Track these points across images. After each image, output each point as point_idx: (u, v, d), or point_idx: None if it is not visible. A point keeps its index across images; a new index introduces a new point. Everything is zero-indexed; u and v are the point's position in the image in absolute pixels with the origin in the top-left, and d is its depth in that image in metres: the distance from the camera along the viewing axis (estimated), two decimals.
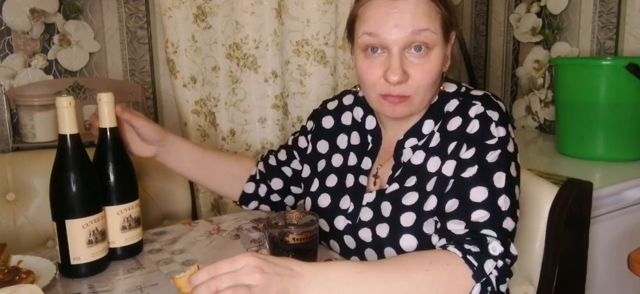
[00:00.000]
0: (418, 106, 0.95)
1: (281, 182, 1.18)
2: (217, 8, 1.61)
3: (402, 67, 0.90)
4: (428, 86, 0.93)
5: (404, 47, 0.90)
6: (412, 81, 0.91)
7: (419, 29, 0.89)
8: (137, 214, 1.04)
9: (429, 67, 0.91)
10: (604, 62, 1.77)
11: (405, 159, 0.99)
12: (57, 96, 0.94)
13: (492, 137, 0.91)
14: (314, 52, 1.68)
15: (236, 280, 0.69)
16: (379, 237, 0.96)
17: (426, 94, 0.94)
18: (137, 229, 1.04)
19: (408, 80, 0.91)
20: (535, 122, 2.32)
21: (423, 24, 0.89)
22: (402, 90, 0.91)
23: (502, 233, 0.87)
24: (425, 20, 0.89)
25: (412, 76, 0.91)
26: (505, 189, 0.89)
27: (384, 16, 0.90)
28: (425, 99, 0.95)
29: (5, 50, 1.63)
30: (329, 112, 1.15)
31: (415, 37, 0.89)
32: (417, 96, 0.93)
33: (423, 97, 0.94)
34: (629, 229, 1.60)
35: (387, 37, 0.90)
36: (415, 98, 0.93)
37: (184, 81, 1.60)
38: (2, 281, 0.86)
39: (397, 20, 0.89)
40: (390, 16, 0.89)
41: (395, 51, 0.90)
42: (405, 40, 0.89)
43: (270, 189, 1.19)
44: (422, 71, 0.91)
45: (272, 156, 1.21)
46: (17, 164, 1.49)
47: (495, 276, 0.83)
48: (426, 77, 0.91)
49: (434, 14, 0.90)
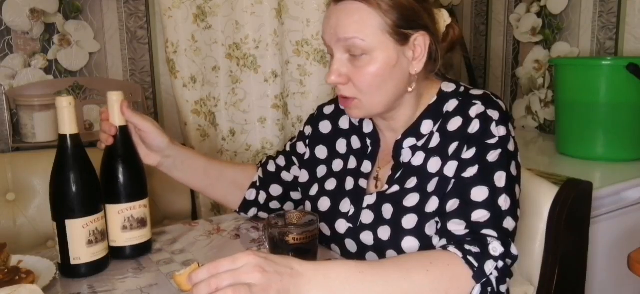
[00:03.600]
0: (372, 107, 0.95)
1: (280, 188, 1.18)
2: (217, 8, 1.61)
3: (338, 69, 0.93)
4: (373, 88, 0.93)
5: (343, 50, 0.92)
6: (351, 84, 0.93)
7: (345, 37, 0.90)
8: (141, 215, 1.02)
9: (369, 70, 0.91)
10: (604, 62, 1.77)
11: (404, 159, 0.99)
12: (57, 96, 0.94)
13: (492, 136, 0.91)
14: (314, 52, 1.68)
15: (236, 279, 0.69)
16: (380, 240, 0.95)
17: (376, 96, 0.94)
18: (141, 231, 1.03)
19: (348, 82, 0.93)
20: (535, 122, 2.32)
21: (349, 33, 0.90)
22: (343, 91, 0.94)
23: (503, 233, 0.86)
24: (353, 28, 0.90)
25: (352, 78, 0.93)
26: (505, 188, 0.89)
27: (326, 22, 0.94)
28: (378, 101, 0.95)
29: (5, 50, 1.63)
30: (326, 116, 1.14)
31: (344, 43, 0.91)
32: (364, 98, 0.94)
33: (373, 98, 0.94)
34: (629, 229, 1.60)
35: (327, 41, 0.95)
36: (363, 100, 0.94)
37: (184, 81, 1.60)
38: (2, 281, 0.86)
39: (331, 27, 0.92)
40: (329, 22, 0.93)
41: (335, 54, 0.93)
42: (339, 45, 0.92)
43: (269, 196, 1.18)
44: (359, 75, 0.92)
45: (271, 161, 1.20)
46: (17, 164, 1.49)
47: (496, 276, 0.83)
48: (366, 80, 0.92)
49: (369, 19, 0.89)
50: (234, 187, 1.19)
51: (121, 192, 1.01)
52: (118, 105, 1.00)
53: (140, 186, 1.04)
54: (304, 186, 1.13)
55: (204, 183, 1.16)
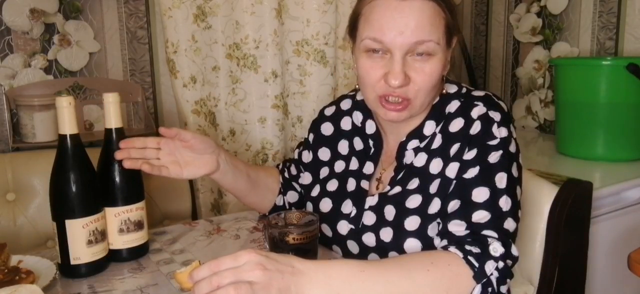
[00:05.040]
0: (418, 109, 0.95)
1: (296, 195, 1.18)
2: (217, 8, 1.61)
3: (403, 70, 0.89)
4: (428, 90, 0.92)
5: (407, 52, 0.89)
6: (413, 84, 0.91)
7: (423, 40, 0.88)
8: (138, 218, 1.02)
9: (430, 71, 0.90)
10: (604, 62, 1.77)
11: (407, 161, 0.99)
12: (57, 96, 0.94)
13: (494, 138, 0.91)
14: (314, 52, 1.68)
15: (238, 276, 0.69)
16: (382, 241, 0.95)
17: (426, 98, 0.94)
18: (137, 233, 1.03)
19: (409, 83, 0.91)
20: (535, 122, 2.32)
21: (426, 35, 0.88)
22: (402, 92, 0.91)
23: (503, 233, 0.86)
24: (429, 29, 0.88)
25: (413, 79, 0.90)
26: (506, 189, 0.89)
27: (389, 21, 0.88)
28: (425, 103, 0.95)
29: (5, 50, 1.63)
30: (327, 118, 1.14)
31: (417, 46, 0.89)
32: (417, 99, 0.92)
33: (423, 100, 0.94)
34: (629, 229, 1.60)
35: (391, 43, 0.89)
36: (416, 101, 0.93)
37: (184, 81, 1.60)
38: (2, 281, 0.86)
39: (402, 27, 0.87)
40: (395, 22, 0.88)
41: (397, 55, 0.89)
42: (408, 47, 0.89)
43: (289, 203, 1.18)
44: (423, 75, 0.90)
45: (286, 169, 1.20)
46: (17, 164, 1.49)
47: (496, 277, 0.83)
48: (427, 81, 0.91)
49: (438, 20, 0.89)
50: (268, 192, 1.18)
51: (118, 195, 1.00)
52: (113, 106, 1.00)
53: (137, 188, 1.03)
54: (306, 188, 1.13)
55: (247, 189, 1.13)
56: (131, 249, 1.02)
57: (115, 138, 1.01)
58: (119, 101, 1.01)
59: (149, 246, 1.07)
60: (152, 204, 1.55)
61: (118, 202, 1.00)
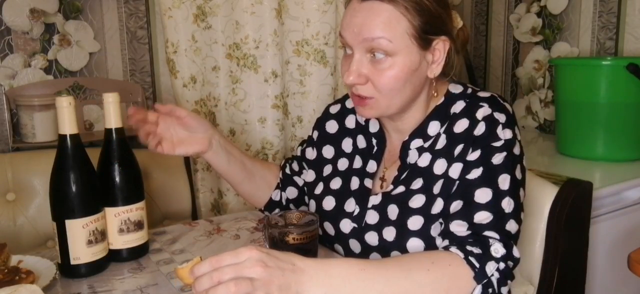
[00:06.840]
0: (386, 109, 0.94)
1: (296, 191, 1.18)
2: (217, 8, 1.61)
3: (358, 69, 0.91)
4: (393, 91, 0.92)
5: (365, 50, 0.90)
6: (370, 84, 0.92)
7: (371, 37, 0.88)
8: (138, 218, 1.02)
9: (390, 73, 0.90)
10: (604, 62, 1.77)
11: (411, 160, 0.98)
12: (57, 96, 0.94)
13: (498, 139, 0.91)
14: (314, 52, 1.68)
15: (238, 273, 0.70)
16: (385, 240, 0.95)
17: (394, 98, 0.93)
18: (137, 233, 1.03)
19: (366, 82, 0.92)
20: (535, 122, 2.32)
21: (377, 33, 0.88)
22: (360, 91, 0.93)
23: (505, 235, 0.86)
24: (381, 28, 0.88)
25: (371, 79, 0.91)
26: (509, 191, 0.88)
27: (349, 20, 0.91)
28: (395, 103, 0.94)
29: (5, 50, 1.63)
30: (332, 116, 1.14)
31: (370, 43, 0.89)
32: (382, 99, 0.92)
33: (390, 100, 0.93)
34: (629, 229, 1.60)
35: (348, 40, 0.92)
36: (381, 101, 0.93)
37: (184, 81, 1.60)
38: (2, 281, 0.86)
39: (356, 26, 0.90)
40: (352, 20, 0.91)
41: (355, 54, 0.91)
42: (362, 45, 0.90)
43: (287, 198, 1.19)
44: (379, 76, 0.90)
45: (288, 164, 1.20)
46: (17, 164, 1.49)
47: (497, 278, 0.83)
48: (386, 83, 0.90)
49: (396, 22, 0.88)
50: (264, 184, 1.19)
51: (118, 195, 1.00)
52: (113, 106, 1.00)
53: (137, 188, 1.03)
54: (309, 185, 1.13)
55: (241, 176, 1.15)
56: (131, 249, 1.02)
57: (115, 138, 1.01)
58: (119, 101, 1.01)
59: (149, 246, 1.07)
60: (152, 204, 1.55)
61: (118, 202, 1.00)
